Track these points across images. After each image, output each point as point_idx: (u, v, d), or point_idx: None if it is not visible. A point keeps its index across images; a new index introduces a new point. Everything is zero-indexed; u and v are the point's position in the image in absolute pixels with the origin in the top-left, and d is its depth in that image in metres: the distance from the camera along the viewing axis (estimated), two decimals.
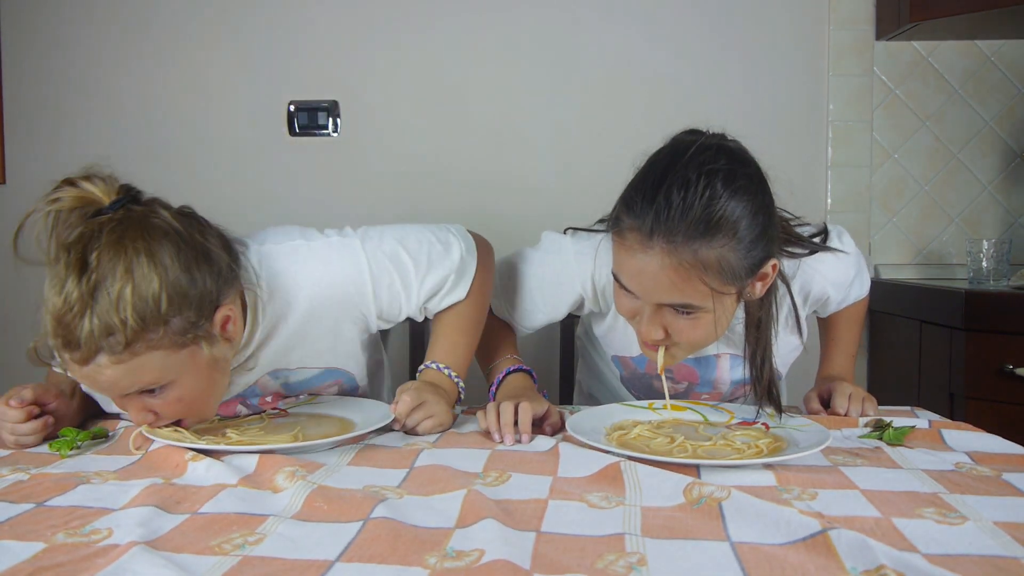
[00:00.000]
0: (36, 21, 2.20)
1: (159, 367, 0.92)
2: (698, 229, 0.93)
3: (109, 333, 0.88)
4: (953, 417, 1.52)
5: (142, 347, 0.90)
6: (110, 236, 0.91)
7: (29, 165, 2.22)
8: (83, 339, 0.87)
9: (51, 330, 0.89)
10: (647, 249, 0.95)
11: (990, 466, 0.90)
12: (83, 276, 0.88)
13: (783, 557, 0.64)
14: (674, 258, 0.94)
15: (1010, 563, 0.64)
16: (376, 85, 2.16)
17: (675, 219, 0.93)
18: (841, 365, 1.34)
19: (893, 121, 2.13)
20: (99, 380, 0.91)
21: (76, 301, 0.87)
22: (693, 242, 0.93)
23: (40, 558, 0.65)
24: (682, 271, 0.94)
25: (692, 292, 0.96)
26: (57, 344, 0.90)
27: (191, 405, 0.99)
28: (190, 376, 0.96)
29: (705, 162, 0.95)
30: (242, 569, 0.63)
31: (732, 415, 1.10)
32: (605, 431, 1.03)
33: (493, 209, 2.16)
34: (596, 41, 2.13)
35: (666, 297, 0.98)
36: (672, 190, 0.93)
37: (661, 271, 0.95)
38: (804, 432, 0.98)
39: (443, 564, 0.63)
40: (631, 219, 0.97)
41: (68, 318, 0.88)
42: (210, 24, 2.17)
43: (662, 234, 0.93)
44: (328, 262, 1.09)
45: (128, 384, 0.92)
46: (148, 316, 0.89)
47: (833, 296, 1.22)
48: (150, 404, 0.96)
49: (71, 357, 0.90)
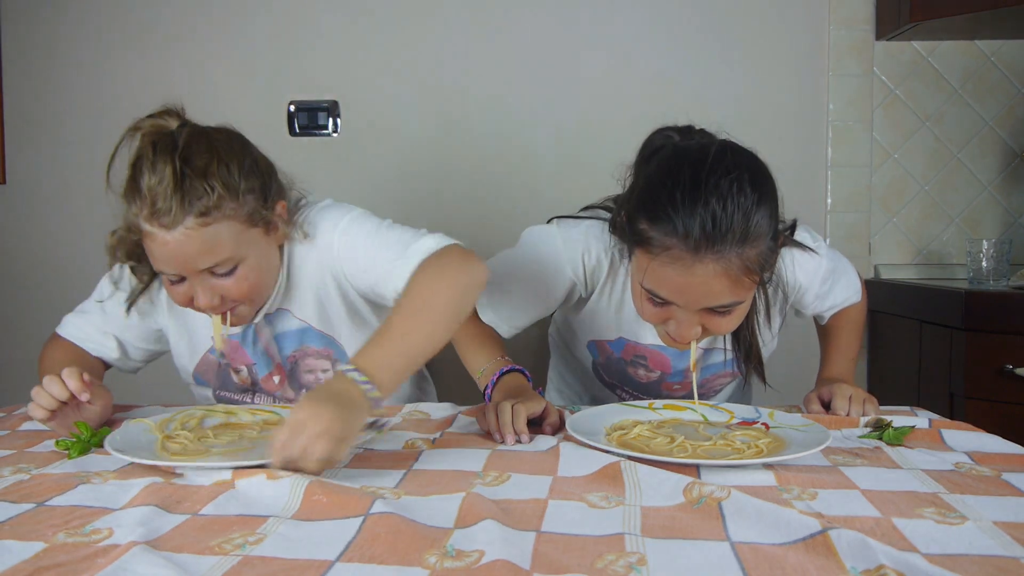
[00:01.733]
0: (36, 21, 2.20)
1: (234, 240, 1.05)
2: (743, 237, 0.96)
3: (197, 197, 1.01)
4: (953, 417, 1.52)
5: (222, 215, 1.03)
6: (193, 128, 1.08)
7: (29, 165, 2.22)
8: (174, 204, 1.00)
9: (145, 203, 1.01)
10: (695, 264, 0.97)
11: (990, 466, 0.90)
12: (172, 152, 1.02)
13: (783, 557, 0.64)
14: (723, 265, 0.97)
15: (1010, 563, 0.64)
16: (376, 85, 2.16)
17: (722, 231, 0.95)
18: (841, 368, 1.34)
19: (893, 121, 2.13)
20: (184, 249, 1.02)
21: (167, 172, 1.01)
22: (739, 247, 0.97)
23: (40, 558, 0.65)
24: (732, 276, 0.98)
25: (740, 291, 1.00)
26: (147, 215, 1.01)
27: (253, 287, 1.10)
28: (255, 256, 1.09)
29: (729, 169, 0.97)
30: (242, 569, 0.63)
31: (732, 415, 1.10)
32: (605, 431, 1.03)
33: (493, 209, 2.17)
34: (596, 41, 2.13)
35: (715, 302, 1.01)
36: (711, 203, 0.95)
37: (712, 279, 0.98)
38: (804, 432, 0.99)
39: (443, 564, 0.63)
40: (668, 236, 0.97)
41: (160, 187, 1.00)
42: (210, 24, 2.17)
43: (709, 247, 0.96)
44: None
45: (208, 254, 1.03)
46: (230, 186, 1.04)
47: (806, 285, 1.23)
48: (218, 285, 1.07)
49: (161, 223, 1.01)
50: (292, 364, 1.26)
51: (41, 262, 2.23)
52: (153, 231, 1.02)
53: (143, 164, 1.03)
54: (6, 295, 2.26)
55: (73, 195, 2.20)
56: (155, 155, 1.03)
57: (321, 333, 1.24)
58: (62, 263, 2.21)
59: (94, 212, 2.21)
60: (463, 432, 1.08)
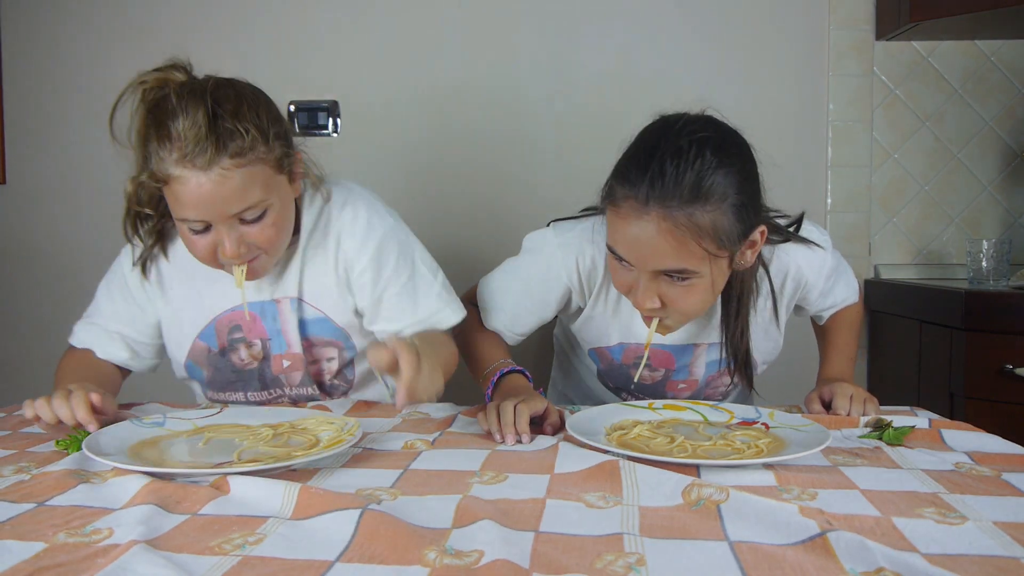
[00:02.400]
0: (36, 22, 2.20)
1: (264, 184, 1.06)
2: (692, 194, 0.97)
3: (232, 138, 1.01)
4: (953, 417, 1.52)
5: (256, 157, 1.04)
6: (212, 76, 1.09)
7: (29, 165, 2.22)
8: (209, 145, 1.00)
9: (175, 147, 1.00)
10: (642, 216, 0.98)
11: (990, 466, 0.90)
12: (202, 98, 1.02)
13: (782, 556, 0.64)
14: (669, 223, 0.97)
15: (1010, 563, 0.64)
16: (376, 85, 2.16)
17: (669, 185, 0.96)
18: (840, 367, 1.34)
19: (893, 121, 2.13)
20: (219, 191, 1.01)
21: (200, 114, 1.01)
22: (688, 207, 0.97)
23: (41, 557, 0.65)
24: (678, 235, 0.98)
25: (688, 256, 1.00)
26: (178, 157, 1.01)
27: (278, 235, 1.11)
28: (280, 203, 1.10)
29: (695, 131, 0.99)
30: (242, 569, 0.63)
31: (732, 415, 1.10)
32: (605, 431, 1.03)
33: (493, 208, 2.17)
34: (596, 40, 2.13)
35: (662, 263, 1.01)
36: (665, 158, 0.97)
37: (658, 236, 0.98)
38: (804, 432, 0.99)
39: (443, 560, 0.63)
40: (625, 188, 1.00)
41: (194, 129, 1.00)
42: (210, 25, 2.17)
43: (657, 200, 0.97)
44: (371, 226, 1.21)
45: (240, 197, 1.03)
46: (261, 129, 1.05)
47: (812, 281, 1.22)
48: (245, 232, 1.07)
49: (196, 164, 1.00)
50: (307, 348, 1.26)
51: (41, 262, 2.23)
52: (185, 174, 1.01)
53: (171, 108, 1.02)
54: (6, 295, 2.26)
55: (73, 195, 2.20)
56: (185, 98, 1.02)
57: (336, 326, 1.25)
58: (62, 263, 2.22)
59: (94, 212, 2.22)
60: (463, 432, 1.08)
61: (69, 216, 2.21)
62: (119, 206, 1.16)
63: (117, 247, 1.30)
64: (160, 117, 1.03)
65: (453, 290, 1.27)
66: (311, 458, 0.91)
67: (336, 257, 1.21)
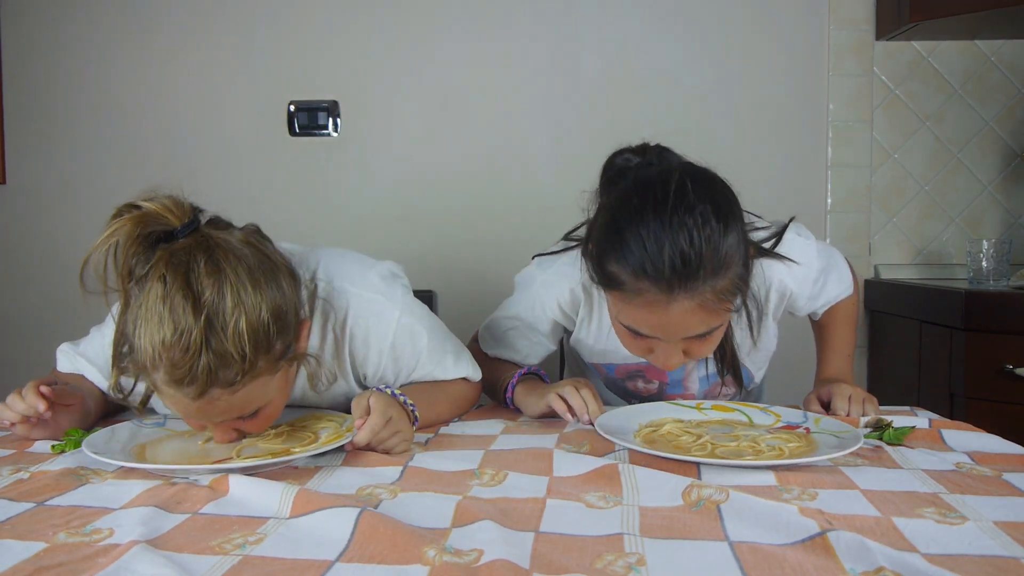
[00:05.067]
0: (36, 22, 2.20)
1: (262, 392, 0.92)
2: (715, 270, 0.96)
3: (224, 366, 0.86)
4: (953, 417, 1.52)
5: (251, 377, 0.89)
6: (208, 264, 0.88)
7: (29, 165, 2.22)
8: (200, 374, 0.85)
9: (162, 365, 0.85)
10: (670, 303, 0.96)
11: (990, 466, 0.90)
12: (194, 308, 0.85)
13: (781, 556, 0.64)
14: (697, 300, 0.96)
15: (1010, 563, 0.64)
16: (376, 85, 2.16)
17: (693, 268, 0.94)
18: (838, 366, 1.33)
19: (893, 121, 2.13)
20: (208, 411, 0.90)
21: (191, 335, 0.84)
22: (711, 280, 0.96)
23: (41, 557, 0.65)
24: (707, 307, 0.98)
25: (716, 319, 1.01)
26: (166, 379, 0.86)
27: (270, 421, 1.00)
28: (280, 395, 0.97)
29: (691, 203, 0.95)
30: (242, 569, 0.63)
31: (779, 418, 1.10)
32: (639, 426, 1.06)
33: (492, 208, 2.17)
34: (596, 40, 2.13)
35: (692, 332, 1.01)
36: (679, 244, 0.94)
37: (688, 315, 0.97)
38: (841, 438, 0.97)
39: (442, 559, 0.63)
40: (640, 279, 0.96)
41: (181, 356, 0.84)
42: (210, 24, 2.17)
43: (682, 286, 0.95)
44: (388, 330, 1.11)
45: (236, 411, 0.92)
46: (260, 345, 0.89)
47: (797, 291, 1.21)
48: (239, 425, 0.97)
49: (184, 393, 0.87)
50: None
51: (41, 262, 2.23)
52: (171, 393, 0.88)
53: (156, 308, 0.86)
54: (6, 295, 2.26)
55: (73, 195, 2.20)
56: (171, 302, 0.85)
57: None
58: (62, 263, 2.21)
59: (94, 212, 2.21)
60: (455, 434, 1.08)
61: (69, 216, 2.21)
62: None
63: None
64: (147, 311, 0.86)
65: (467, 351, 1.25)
66: (309, 453, 0.91)
67: (353, 374, 1.15)
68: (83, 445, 0.92)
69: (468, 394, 1.23)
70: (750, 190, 1.04)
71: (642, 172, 1.03)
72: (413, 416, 1.04)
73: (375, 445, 0.96)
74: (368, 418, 0.95)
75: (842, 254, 1.36)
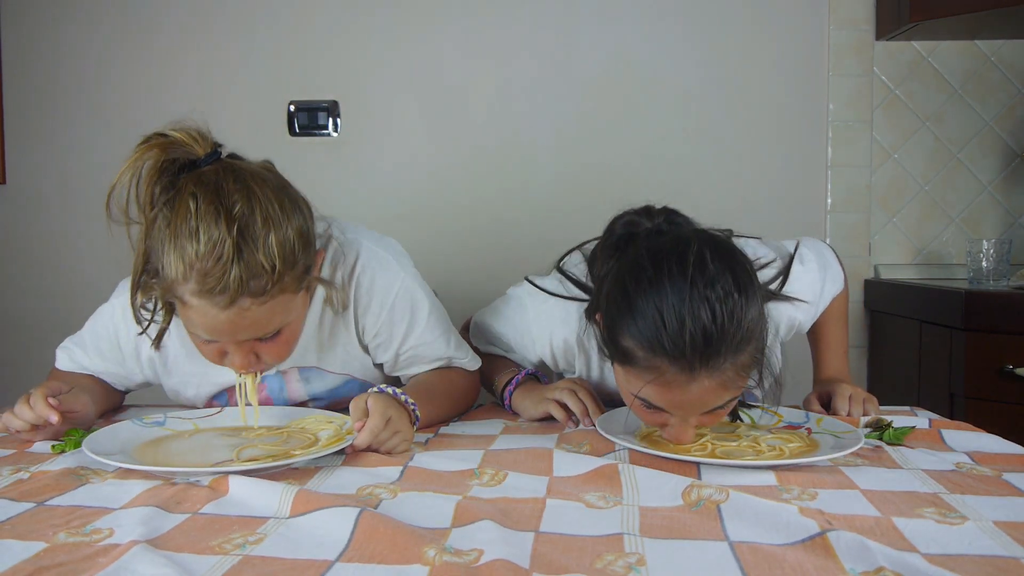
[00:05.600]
0: (36, 22, 2.20)
1: (285, 309, 0.97)
2: (736, 347, 0.91)
3: (255, 276, 0.90)
4: (953, 417, 1.52)
5: (278, 289, 0.93)
6: (236, 183, 0.93)
7: (29, 165, 2.22)
8: (232, 283, 0.89)
9: (193, 276, 0.89)
10: (691, 381, 0.91)
11: (990, 466, 0.90)
12: (226, 220, 0.89)
13: (781, 556, 0.64)
14: (719, 377, 0.91)
15: (1010, 563, 0.64)
16: (376, 85, 2.16)
17: (715, 349, 0.89)
18: (836, 366, 1.33)
19: (893, 121, 2.13)
20: (235, 325, 0.93)
21: (224, 245, 0.89)
22: (732, 357, 0.91)
23: (41, 557, 0.65)
24: (727, 382, 0.92)
25: (735, 391, 0.95)
26: (196, 290, 0.90)
27: (288, 347, 1.03)
28: (297, 321, 1.02)
29: (712, 275, 0.90)
30: (242, 569, 0.63)
31: (781, 418, 1.09)
32: (642, 426, 1.05)
33: (492, 208, 2.17)
34: (596, 41, 2.13)
35: (711, 406, 0.95)
36: (701, 320, 0.88)
37: (709, 391, 0.92)
38: (842, 439, 0.97)
39: (442, 558, 0.63)
40: (659, 358, 0.91)
41: (214, 265, 0.89)
42: (210, 24, 2.17)
43: (704, 364, 0.90)
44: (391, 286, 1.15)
45: (260, 327, 0.95)
46: (287, 258, 0.93)
47: (804, 321, 1.21)
48: (258, 349, 0.99)
49: (214, 303, 0.90)
50: (331, 406, 1.22)
51: (41, 262, 2.23)
52: (201, 305, 0.91)
53: (190, 222, 0.89)
54: (6, 295, 2.26)
55: (73, 195, 2.20)
56: (203, 216, 0.89)
57: (363, 382, 1.22)
58: (62, 263, 2.21)
59: (94, 212, 2.21)
60: (455, 434, 1.08)
61: (69, 216, 2.21)
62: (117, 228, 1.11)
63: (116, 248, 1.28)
64: (177, 227, 0.90)
65: (464, 342, 1.25)
66: (310, 456, 0.91)
67: (355, 323, 1.16)
68: (83, 445, 0.92)
69: (469, 392, 1.23)
70: (750, 190, 1.04)
71: (654, 241, 0.98)
72: (414, 415, 1.04)
73: (376, 446, 0.96)
74: (367, 420, 0.95)
75: (831, 248, 1.35)
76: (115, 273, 1.30)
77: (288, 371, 1.18)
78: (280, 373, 1.18)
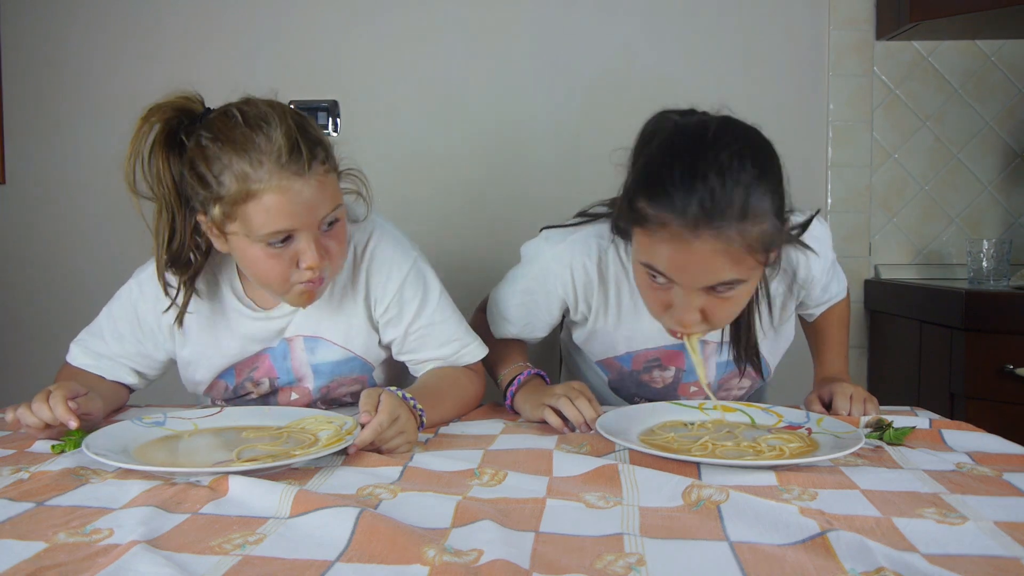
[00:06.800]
0: (36, 21, 2.20)
1: (336, 191, 1.07)
2: (743, 212, 0.93)
3: (318, 144, 1.03)
4: (953, 417, 1.52)
5: (333, 164, 1.06)
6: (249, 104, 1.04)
7: (29, 165, 2.22)
8: (304, 147, 1.00)
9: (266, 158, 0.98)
10: (693, 239, 0.94)
11: (990, 466, 0.90)
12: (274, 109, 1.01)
13: (782, 557, 0.64)
14: (723, 242, 0.94)
15: (1010, 563, 0.63)
16: (376, 85, 2.16)
17: (721, 207, 0.92)
18: (837, 366, 1.34)
19: (893, 121, 2.13)
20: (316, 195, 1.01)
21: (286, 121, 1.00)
22: (739, 224, 0.93)
23: (41, 557, 0.65)
24: (733, 252, 0.95)
25: (743, 269, 0.97)
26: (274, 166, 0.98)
27: (343, 247, 1.10)
28: (343, 214, 1.09)
29: (731, 142, 0.95)
30: (242, 569, 0.63)
31: (781, 418, 1.09)
32: (639, 427, 1.05)
33: (493, 208, 2.17)
34: (596, 41, 2.13)
35: (716, 279, 0.97)
36: (710, 177, 0.92)
37: (712, 255, 0.94)
38: (843, 439, 0.97)
39: (442, 558, 0.63)
40: (666, 212, 0.94)
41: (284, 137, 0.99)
42: (210, 24, 2.17)
43: (708, 222, 0.93)
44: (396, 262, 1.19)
45: (330, 201, 1.04)
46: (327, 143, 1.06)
47: (817, 276, 1.22)
48: (323, 242, 1.05)
49: (293, 170, 0.99)
50: (324, 394, 1.25)
51: (41, 262, 2.23)
52: (284, 183, 0.99)
53: (239, 128, 0.99)
54: (6, 295, 2.26)
55: (73, 195, 2.20)
56: (250, 118, 1.00)
57: (364, 361, 1.23)
58: (62, 263, 2.22)
59: (94, 212, 2.22)
60: (455, 434, 1.08)
61: (69, 216, 2.21)
62: (119, 206, 1.14)
63: (116, 248, 1.29)
64: (229, 135, 0.99)
65: (471, 329, 1.26)
66: (310, 457, 0.91)
67: (365, 297, 1.19)
68: (83, 445, 0.92)
69: (473, 394, 1.23)
70: None
71: (683, 121, 1.03)
72: (420, 420, 1.05)
73: (379, 444, 0.96)
74: (375, 416, 0.95)
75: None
76: (115, 273, 1.30)
77: (293, 338, 1.20)
78: (286, 340, 1.20)
